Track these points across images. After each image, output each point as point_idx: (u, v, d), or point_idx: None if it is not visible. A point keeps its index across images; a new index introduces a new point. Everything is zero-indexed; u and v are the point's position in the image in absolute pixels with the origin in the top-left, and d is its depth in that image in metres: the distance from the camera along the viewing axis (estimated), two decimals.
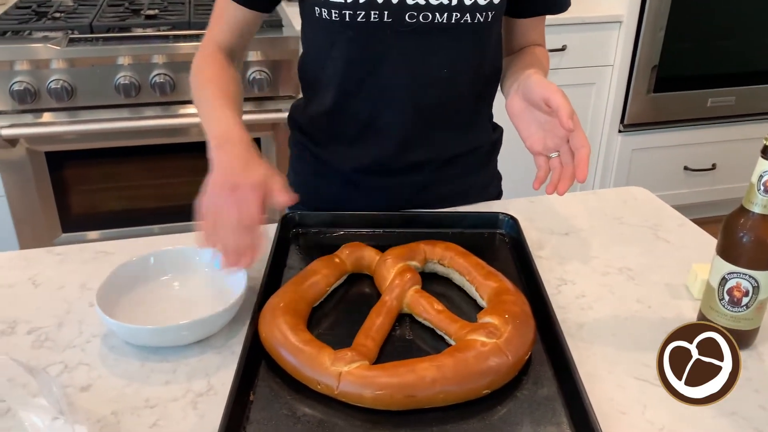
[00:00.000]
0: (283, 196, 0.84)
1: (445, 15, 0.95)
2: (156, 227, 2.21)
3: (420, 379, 0.70)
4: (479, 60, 1.03)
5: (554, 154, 0.92)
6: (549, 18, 1.12)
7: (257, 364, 0.76)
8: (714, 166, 2.81)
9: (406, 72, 0.99)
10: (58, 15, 2.14)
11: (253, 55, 2.05)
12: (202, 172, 0.87)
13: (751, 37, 2.62)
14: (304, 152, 1.15)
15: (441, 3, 0.95)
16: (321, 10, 0.97)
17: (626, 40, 2.47)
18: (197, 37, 2.05)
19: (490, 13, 0.97)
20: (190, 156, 2.15)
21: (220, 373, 0.76)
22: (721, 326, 0.76)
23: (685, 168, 2.79)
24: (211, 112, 0.95)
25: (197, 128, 2.09)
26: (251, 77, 2.06)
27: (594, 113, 2.61)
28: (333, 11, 0.95)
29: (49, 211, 2.14)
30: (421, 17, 0.95)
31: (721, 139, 2.77)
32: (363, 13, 0.95)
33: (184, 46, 2.01)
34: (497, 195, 1.23)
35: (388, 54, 0.99)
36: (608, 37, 2.48)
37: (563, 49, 2.42)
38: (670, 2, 2.43)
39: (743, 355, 0.78)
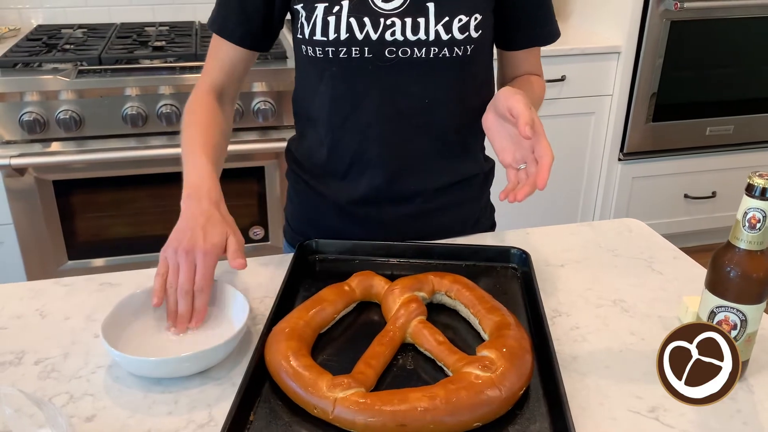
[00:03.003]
0: (235, 261, 0.89)
1: (424, 50, 0.99)
2: None
3: (412, 408, 0.71)
4: (461, 92, 1.07)
5: (522, 166, 0.95)
6: (549, 49, 1.16)
7: (261, 385, 0.79)
8: (714, 194, 2.83)
9: (388, 105, 1.03)
10: (68, 47, 2.19)
11: (258, 86, 2.09)
12: None
13: (749, 64, 2.65)
14: (299, 184, 1.19)
15: (419, 39, 0.99)
16: (307, 48, 1.02)
17: (625, 70, 2.51)
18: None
19: (469, 46, 1.00)
20: None
21: (221, 404, 0.77)
22: None
23: (686, 196, 2.81)
24: (190, 157, 1.01)
25: None
26: (256, 107, 2.10)
27: (594, 142, 2.64)
28: (317, 48, 1.00)
29: (56, 239, 2.16)
30: (400, 52, 0.99)
31: (721, 167, 2.79)
32: (344, 49, 0.99)
33: (191, 77, 2.05)
34: (491, 226, 1.25)
35: (371, 88, 1.03)
36: (607, 68, 2.52)
37: (563, 79, 2.46)
38: (668, 31, 2.47)
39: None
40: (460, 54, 1.00)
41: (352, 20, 0.98)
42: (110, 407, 0.77)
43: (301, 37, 1.02)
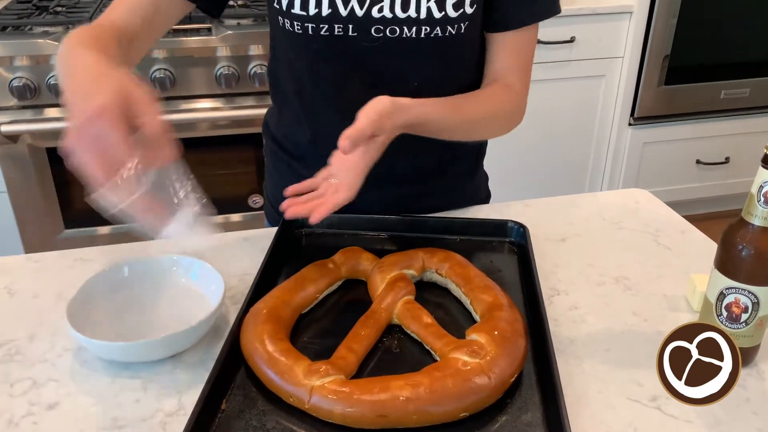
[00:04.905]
0: (150, 123, 0.67)
1: (414, 29, 0.90)
2: None
3: (393, 398, 0.66)
4: (452, 73, 0.98)
5: (333, 180, 0.87)
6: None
7: (235, 371, 0.74)
8: (727, 160, 2.74)
9: (374, 88, 0.90)
10: (59, 9, 2.12)
11: (255, 49, 2.02)
12: (206, 167, 0.83)
13: (767, 23, 2.54)
14: (280, 164, 1.12)
15: (409, 17, 0.89)
16: (284, 21, 0.92)
17: (636, 30, 2.41)
18: (198, 32, 2.02)
19: (462, 24, 0.91)
20: (192, 151, 2.13)
21: (192, 391, 0.72)
22: None
23: (698, 162, 2.73)
24: (67, 59, 0.76)
25: (200, 123, 2.07)
26: (252, 71, 2.03)
27: (604, 106, 2.55)
28: (296, 23, 0.91)
29: (51, 208, 2.13)
30: (387, 31, 0.91)
31: (735, 132, 2.70)
32: (326, 26, 0.90)
33: (185, 41, 1.98)
34: (486, 197, 1.18)
35: (355, 70, 0.94)
36: (618, 28, 2.42)
37: (572, 41, 2.37)
38: None
39: (742, 372, 0.75)
40: (453, 33, 0.91)
41: None
42: (74, 394, 0.73)
43: (277, 7, 0.92)
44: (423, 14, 0.89)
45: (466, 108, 0.94)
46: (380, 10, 0.90)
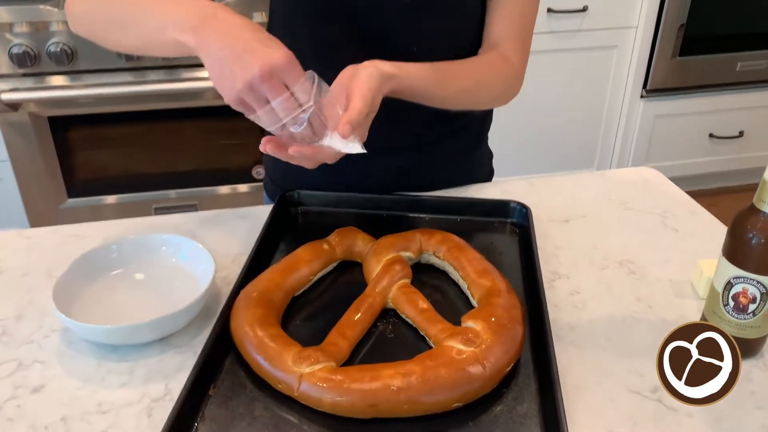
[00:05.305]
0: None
1: None
2: (173, 192, 2.18)
3: (384, 387, 0.64)
4: (452, 37, 0.95)
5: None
6: None
7: (224, 356, 0.72)
8: (741, 134, 2.68)
9: (370, 54, 0.86)
10: None
11: (258, 17, 1.97)
12: (211, 136, 0.79)
13: None
14: None
15: None
16: None
17: None
18: None
19: None
20: (197, 120, 2.10)
21: (180, 375, 0.71)
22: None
23: (711, 135, 2.67)
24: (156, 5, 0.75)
25: (206, 92, 2.03)
26: None
27: (615, 78, 2.49)
28: None
29: (54, 177, 2.11)
30: None
31: (750, 105, 2.63)
32: None
33: None
34: (488, 174, 1.15)
35: (350, 35, 0.91)
36: None
37: (584, 10, 2.30)
38: None
39: (748, 364, 0.72)
40: None
41: None
42: (60, 377, 0.71)
43: None
44: None
45: (456, 75, 0.91)
46: None
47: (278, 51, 0.69)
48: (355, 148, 0.76)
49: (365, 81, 0.77)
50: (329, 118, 0.76)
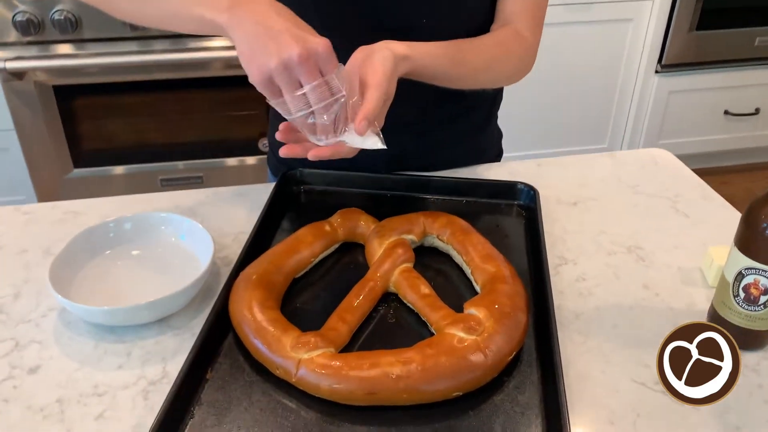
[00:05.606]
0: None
1: None
2: (179, 164, 2.17)
3: (383, 375, 0.63)
4: (463, 10, 0.91)
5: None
6: None
7: (223, 339, 0.71)
8: (757, 111, 2.63)
9: (379, 29, 0.84)
10: None
11: None
12: (219, 107, 0.77)
13: None
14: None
15: None
16: None
17: None
18: None
19: None
20: (205, 91, 2.08)
21: (178, 358, 0.70)
22: (734, 325, 0.69)
23: (726, 112, 2.62)
24: None
25: (213, 63, 2.00)
26: None
27: (630, 52, 2.43)
28: None
29: (60, 147, 2.10)
30: None
31: (767, 82, 2.58)
32: None
33: None
34: (497, 155, 1.13)
35: (358, 9, 0.88)
36: None
37: None
38: None
39: (756, 356, 0.71)
40: None
41: None
42: (57, 357, 0.70)
43: None
44: None
45: (470, 54, 0.88)
46: None
47: (318, 37, 0.69)
48: (374, 143, 0.74)
49: (380, 66, 0.75)
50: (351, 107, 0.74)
